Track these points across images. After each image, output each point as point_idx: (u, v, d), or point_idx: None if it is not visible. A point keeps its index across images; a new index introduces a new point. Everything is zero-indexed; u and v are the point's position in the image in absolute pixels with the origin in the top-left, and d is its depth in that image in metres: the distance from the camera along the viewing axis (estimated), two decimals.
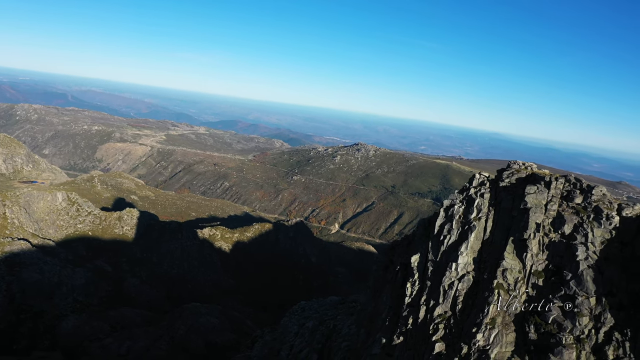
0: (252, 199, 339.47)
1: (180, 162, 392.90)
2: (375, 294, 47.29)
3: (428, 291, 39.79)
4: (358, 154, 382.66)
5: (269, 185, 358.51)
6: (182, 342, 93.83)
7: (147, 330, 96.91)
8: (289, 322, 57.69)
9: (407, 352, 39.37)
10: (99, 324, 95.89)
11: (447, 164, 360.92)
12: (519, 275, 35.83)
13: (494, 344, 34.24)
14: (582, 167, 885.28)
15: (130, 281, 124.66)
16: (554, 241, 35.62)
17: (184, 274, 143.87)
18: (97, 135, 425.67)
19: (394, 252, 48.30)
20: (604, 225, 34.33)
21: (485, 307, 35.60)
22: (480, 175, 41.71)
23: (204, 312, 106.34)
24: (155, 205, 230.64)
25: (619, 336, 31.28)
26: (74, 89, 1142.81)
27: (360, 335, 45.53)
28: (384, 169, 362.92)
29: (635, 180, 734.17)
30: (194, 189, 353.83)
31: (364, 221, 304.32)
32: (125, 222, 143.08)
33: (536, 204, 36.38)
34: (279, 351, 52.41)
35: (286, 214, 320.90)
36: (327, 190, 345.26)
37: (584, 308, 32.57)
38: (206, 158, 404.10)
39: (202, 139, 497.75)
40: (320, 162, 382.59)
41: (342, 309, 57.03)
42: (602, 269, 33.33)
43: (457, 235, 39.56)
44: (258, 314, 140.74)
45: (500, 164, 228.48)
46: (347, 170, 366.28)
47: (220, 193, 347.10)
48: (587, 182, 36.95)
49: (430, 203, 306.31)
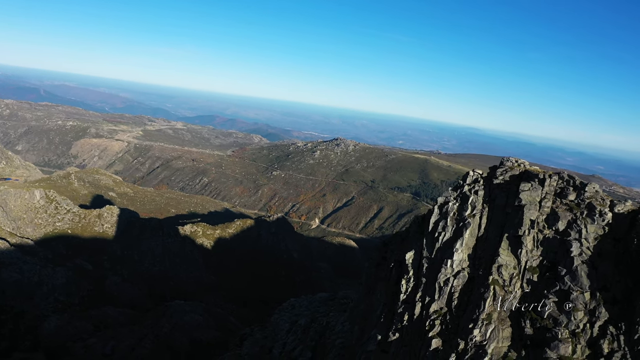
0: (231, 195, 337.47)
1: (158, 158, 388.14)
2: (369, 291, 47.49)
3: (423, 288, 40.13)
4: (337, 149, 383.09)
5: (249, 180, 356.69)
6: (167, 341, 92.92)
7: (131, 329, 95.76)
8: (280, 320, 57.58)
9: (403, 348, 39.68)
10: (82, 324, 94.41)
11: (425, 159, 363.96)
12: (514, 271, 36.38)
13: (491, 339, 34.73)
14: (557, 160, 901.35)
15: (111, 280, 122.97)
16: (548, 237, 36.23)
17: (166, 272, 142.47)
18: (72, 131, 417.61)
19: (387, 249, 48.56)
20: (597, 222, 35.04)
21: (481, 303, 36.06)
22: (474, 173, 42.15)
23: (188, 309, 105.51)
24: (134, 201, 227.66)
25: (613, 330, 32.02)
26: (46, 84, 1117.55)
27: (354, 332, 45.71)
28: (363, 163, 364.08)
29: (606, 173, 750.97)
30: (173, 185, 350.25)
31: (344, 216, 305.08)
32: (106, 219, 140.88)
33: (530, 201, 36.93)
34: (270, 349, 52.30)
35: (266, 210, 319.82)
36: (307, 186, 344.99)
37: (578, 303, 33.24)
38: (184, 154, 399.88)
39: (179, 134, 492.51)
40: (300, 157, 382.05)
41: (333, 306, 57.16)
42: (596, 265, 34.03)
43: (452, 232, 39.96)
44: (241, 311, 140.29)
45: (478, 158, 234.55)
46: (327, 165, 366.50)
47: (199, 189, 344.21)
48: (580, 179, 37.57)
49: (410, 197, 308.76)
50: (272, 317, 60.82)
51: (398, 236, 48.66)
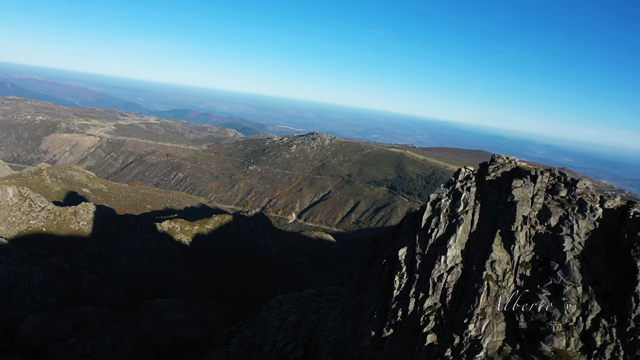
0: (207, 190, 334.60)
1: (131, 153, 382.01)
2: (360, 287, 47.70)
3: (417, 284, 40.51)
4: (314, 143, 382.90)
5: (225, 175, 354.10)
6: (149, 339, 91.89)
7: (111, 328, 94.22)
8: (269, 317, 57.40)
9: (398, 344, 40.04)
10: (60, 324, 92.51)
11: (401, 153, 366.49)
12: (507, 267, 36.99)
13: (486, 334, 35.29)
14: (527, 153, 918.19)
15: (89, 278, 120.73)
16: (540, 233, 36.93)
17: (144, 269, 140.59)
18: (42, 126, 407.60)
19: (377, 245, 48.81)
20: (588, 217, 35.84)
21: (476, 298, 36.60)
22: (466, 170, 42.65)
23: (169, 307, 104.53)
24: (108, 198, 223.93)
25: (605, 323, 32.86)
26: (13, 77, 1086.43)
27: (347, 329, 45.90)
28: (339, 158, 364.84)
29: (575, 165, 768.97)
30: (147, 181, 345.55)
31: (321, 210, 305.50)
32: (81, 217, 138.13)
33: (523, 197, 37.57)
34: (261, 346, 52.12)
35: (243, 205, 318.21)
36: (283, 180, 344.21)
37: (571, 297, 34.00)
38: (158, 148, 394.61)
39: (153, 129, 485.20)
40: (276, 151, 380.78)
41: (322, 303, 57.25)
42: (587, 259, 34.84)
43: (445, 228, 40.39)
44: (221, 307, 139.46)
45: (452, 152, 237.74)
46: (303, 159, 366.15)
47: (174, 184, 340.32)
48: (571, 175, 38.35)
49: (386, 191, 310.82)
50: (260, 315, 60.57)
51: (388, 232, 48.96)
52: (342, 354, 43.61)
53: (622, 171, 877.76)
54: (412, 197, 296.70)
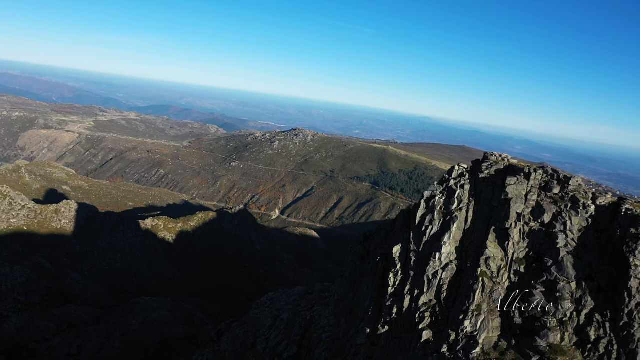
0: (189, 187, 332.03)
1: (111, 150, 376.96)
2: (353, 285, 47.80)
3: (412, 281, 40.74)
4: (296, 139, 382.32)
5: (207, 172, 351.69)
6: (136, 338, 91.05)
7: (96, 327, 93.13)
8: (261, 315, 57.21)
9: (393, 340, 40.25)
10: (45, 324, 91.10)
11: (384, 149, 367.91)
12: (501, 263, 37.40)
13: (481, 330, 35.67)
14: (506, 149, 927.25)
15: (72, 277, 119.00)
16: (534, 230, 37.39)
17: (128, 267, 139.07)
18: (19, 122, 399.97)
19: (369, 242, 48.92)
20: (581, 214, 36.39)
21: (471, 294, 36.94)
22: (459, 167, 42.94)
23: (155, 306, 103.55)
24: (89, 195, 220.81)
25: (599, 317, 33.46)
26: None
27: (340, 326, 45.97)
28: (322, 154, 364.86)
29: (553, 160, 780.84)
30: (128, 177, 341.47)
31: (304, 206, 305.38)
32: (63, 215, 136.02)
33: (517, 195, 37.97)
34: (253, 344, 51.96)
35: (225, 201, 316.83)
36: (266, 176, 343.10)
37: (565, 292, 34.52)
38: (139, 145, 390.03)
39: (133, 125, 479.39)
40: (259, 147, 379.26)
41: (314, 300, 57.23)
42: (580, 255, 35.40)
43: (439, 225, 40.65)
44: (206, 304, 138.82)
45: (434, 148, 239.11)
46: (286, 155, 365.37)
47: (155, 181, 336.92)
48: (564, 173, 38.87)
49: (369, 187, 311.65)
50: (251, 313, 60.31)
51: (380, 229, 49.11)
52: (336, 352, 43.69)
53: (599, 166, 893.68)
54: (395, 192, 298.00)
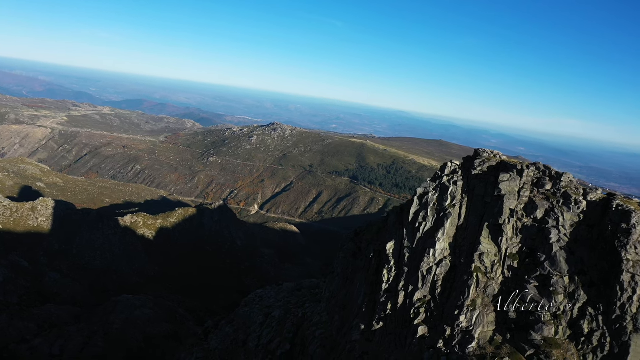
0: (166, 182, 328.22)
1: (85, 145, 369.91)
2: (346, 281, 47.96)
3: (406, 277, 41.06)
4: (274, 133, 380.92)
5: (184, 167, 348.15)
6: (119, 337, 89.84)
7: (78, 327, 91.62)
8: (251, 312, 56.97)
9: (388, 336, 40.57)
10: (25, 324, 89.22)
11: (362, 143, 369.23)
12: (495, 259, 37.96)
13: (477, 325, 36.20)
14: (481, 142, 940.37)
15: (50, 276, 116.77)
16: (526, 225, 38.02)
17: (108, 265, 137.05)
18: None
19: (361, 239, 49.09)
20: (573, 210, 37.11)
21: (466, 289, 37.43)
22: (452, 164, 43.33)
23: (138, 304, 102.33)
24: (64, 192, 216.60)
25: (592, 311, 34.25)
26: None
27: (334, 323, 46.12)
28: (301, 148, 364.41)
29: (527, 154, 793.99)
30: (103, 173, 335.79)
31: (283, 201, 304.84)
32: (40, 212, 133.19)
33: (509, 191, 38.54)
34: (244, 342, 51.75)
35: (204, 197, 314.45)
36: (244, 171, 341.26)
37: (558, 287, 35.23)
38: (114, 140, 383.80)
39: (107, 119, 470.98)
40: (237, 142, 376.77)
41: (306, 297, 57.25)
42: (573, 250, 36.13)
43: (433, 222, 41.03)
44: (187, 301, 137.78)
45: (411, 142, 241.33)
46: (265, 150, 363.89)
47: (131, 177, 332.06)
48: (555, 169, 39.56)
49: (348, 181, 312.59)
50: (240, 310, 60.00)
51: (372, 226, 49.31)
52: (331, 348, 43.84)
53: (571, 159, 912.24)
54: (374, 187, 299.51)
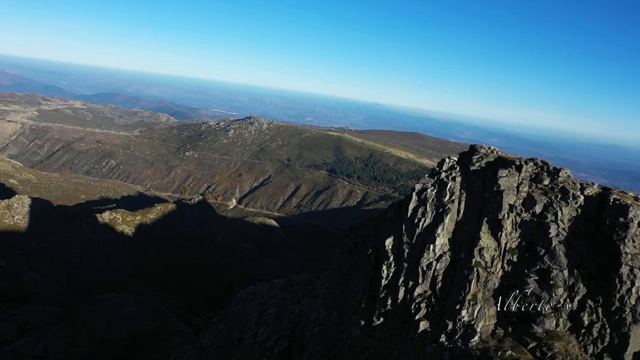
0: (142, 177, 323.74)
1: (57, 140, 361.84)
2: (343, 277, 48.05)
3: (405, 272, 41.31)
4: (251, 127, 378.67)
5: (160, 162, 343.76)
6: (104, 336, 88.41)
7: (61, 327, 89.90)
8: (245, 310, 56.65)
9: (389, 332, 40.81)
10: (5, 325, 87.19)
11: (339, 136, 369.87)
12: (494, 253, 38.46)
13: (478, 319, 36.66)
14: (456, 134, 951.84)
15: (29, 275, 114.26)
16: (525, 220, 38.59)
17: (87, 263, 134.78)
18: None
19: (357, 235, 49.19)
20: (571, 204, 37.79)
21: (466, 284, 37.85)
22: (450, 160, 43.68)
23: (121, 302, 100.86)
24: (38, 189, 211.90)
25: (591, 303, 35.00)
26: None
27: (332, 319, 46.19)
28: (278, 142, 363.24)
29: (500, 145, 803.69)
30: (77, 169, 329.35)
31: (261, 195, 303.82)
32: (16, 210, 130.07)
33: (508, 187, 39.04)
34: (239, 340, 51.44)
35: (181, 192, 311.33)
36: (222, 166, 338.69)
37: (558, 280, 35.88)
38: (87, 135, 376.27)
39: (80, 114, 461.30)
40: (213, 136, 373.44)
41: (301, 293, 57.20)
42: (571, 244, 36.82)
43: (432, 217, 41.33)
44: (169, 298, 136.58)
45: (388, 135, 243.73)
46: (242, 144, 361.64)
47: (106, 172, 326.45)
48: (553, 165, 40.19)
49: (326, 175, 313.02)
50: (232, 307, 59.56)
51: (368, 222, 49.46)
52: (330, 344, 43.92)
53: (543, 150, 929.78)
54: (352, 179, 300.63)
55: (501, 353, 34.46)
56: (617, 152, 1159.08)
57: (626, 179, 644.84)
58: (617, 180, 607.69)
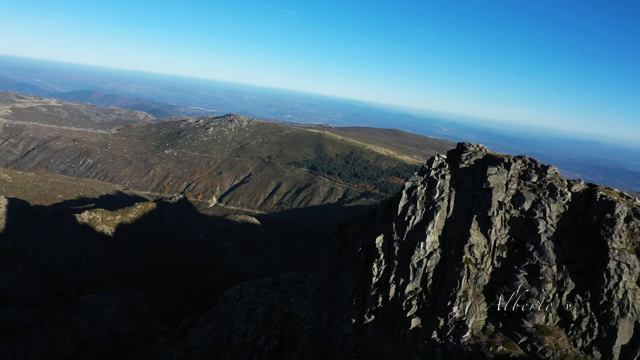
0: (120, 176, 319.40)
1: (32, 139, 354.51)
2: (332, 276, 48.11)
3: (396, 270, 41.54)
4: (231, 125, 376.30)
5: (139, 160, 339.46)
6: (86, 338, 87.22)
7: (42, 330, 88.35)
8: (233, 309, 56.32)
9: (380, 329, 41.02)
10: None
11: (319, 133, 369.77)
12: (484, 250, 38.90)
13: (469, 315, 37.08)
14: (434, 131, 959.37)
15: (7, 277, 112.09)
16: (514, 217, 39.12)
17: (67, 264, 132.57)
18: None
19: (345, 233, 49.26)
20: (559, 201, 38.42)
21: (457, 281, 38.22)
22: (439, 158, 43.99)
23: (103, 303, 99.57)
24: (13, 188, 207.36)
25: (580, 298, 35.67)
26: None
27: (322, 317, 46.23)
28: (258, 139, 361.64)
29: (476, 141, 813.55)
30: (53, 168, 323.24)
31: (242, 193, 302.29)
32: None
33: (498, 184, 39.51)
34: (228, 340, 51.15)
35: (160, 190, 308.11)
36: (201, 164, 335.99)
37: (547, 275, 36.47)
38: (63, 133, 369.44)
39: (55, 112, 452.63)
40: (193, 134, 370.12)
41: (290, 292, 57.06)
42: (559, 240, 37.43)
43: (422, 215, 41.60)
44: (150, 298, 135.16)
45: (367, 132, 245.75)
46: (222, 142, 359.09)
47: (83, 171, 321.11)
48: (541, 162, 40.76)
49: (307, 172, 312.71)
50: (220, 307, 59.16)
51: (357, 220, 49.58)
52: (321, 343, 43.96)
53: (518, 145, 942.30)
54: (333, 177, 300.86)
55: (492, 348, 34.93)
56: (591, 148, 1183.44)
57: (600, 174, 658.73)
58: (591, 175, 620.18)
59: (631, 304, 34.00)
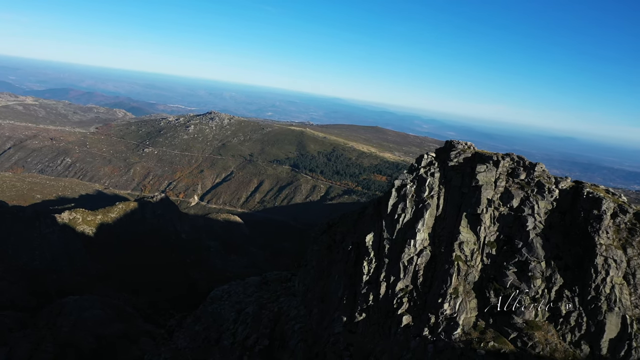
0: (100, 175, 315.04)
1: (8, 138, 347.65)
2: (322, 274, 48.14)
3: (387, 268, 41.76)
4: (212, 122, 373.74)
5: (118, 159, 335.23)
6: (70, 340, 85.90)
7: (24, 332, 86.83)
8: (221, 309, 56.00)
9: (372, 327, 41.21)
10: None
11: (301, 131, 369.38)
12: (474, 247, 39.33)
13: (460, 311, 37.48)
14: (414, 128, 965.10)
15: None
16: (503, 214, 39.61)
17: (47, 265, 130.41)
18: None
19: (334, 232, 49.32)
20: (547, 198, 39.01)
21: (447, 278, 38.57)
22: (428, 156, 44.29)
23: (86, 305, 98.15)
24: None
25: (568, 293, 36.30)
26: None
27: (313, 316, 46.27)
28: (240, 137, 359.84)
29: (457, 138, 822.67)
30: (30, 168, 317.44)
31: (224, 191, 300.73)
32: None
33: (486, 182, 39.95)
34: (217, 340, 50.88)
35: (141, 189, 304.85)
36: (182, 162, 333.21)
37: (536, 271, 37.02)
38: (40, 132, 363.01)
39: (31, 110, 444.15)
40: (173, 132, 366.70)
41: (280, 291, 56.92)
42: (548, 236, 38.03)
43: (412, 213, 41.86)
44: (134, 299, 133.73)
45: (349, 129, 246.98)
46: (203, 140, 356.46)
47: (62, 170, 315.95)
48: (529, 160, 41.30)
49: (289, 170, 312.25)
50: (207, 307, 58.77)
51: (346, 218, 49.66)
52: (312, 342, 44.00)
53: (497, 142, 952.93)
54: (315, 174, 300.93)
55: (484, 344, 35.36)
56: (568, 144, 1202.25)
57: (577, 169, 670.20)
58: (569, 171, 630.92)
59: (618, 299, 34.73)
